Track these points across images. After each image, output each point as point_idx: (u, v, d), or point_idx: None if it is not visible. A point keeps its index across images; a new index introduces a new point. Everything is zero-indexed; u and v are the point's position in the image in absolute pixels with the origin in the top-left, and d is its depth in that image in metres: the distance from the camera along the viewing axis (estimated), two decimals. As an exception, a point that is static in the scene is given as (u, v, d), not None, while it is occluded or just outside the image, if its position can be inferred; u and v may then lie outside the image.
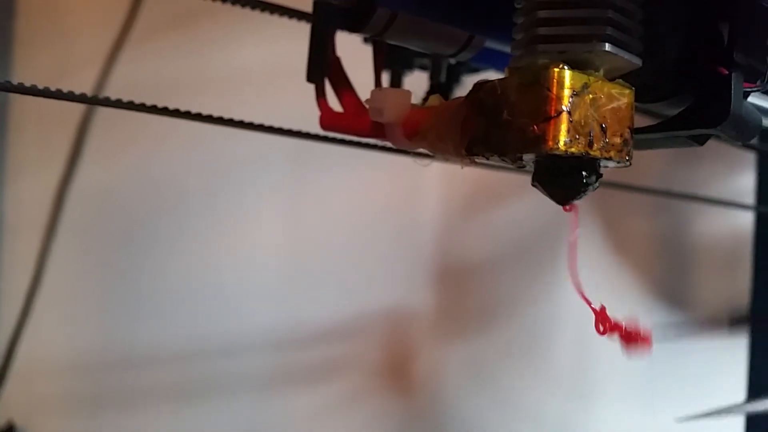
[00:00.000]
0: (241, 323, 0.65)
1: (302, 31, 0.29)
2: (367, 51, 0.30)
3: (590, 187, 0.20)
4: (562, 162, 0.20)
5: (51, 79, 0.27)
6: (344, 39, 0.29)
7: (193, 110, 0.28)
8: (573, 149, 0.19)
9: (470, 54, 0.26)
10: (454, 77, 0.32)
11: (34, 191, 0.70)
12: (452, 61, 0.31)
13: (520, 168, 0.21)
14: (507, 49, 0.27)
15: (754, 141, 0.52)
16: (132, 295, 0.67)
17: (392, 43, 0.25)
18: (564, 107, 0.18)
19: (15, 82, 0.25)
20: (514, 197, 0.66)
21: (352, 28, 0.24)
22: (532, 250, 0.65)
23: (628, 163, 0.20)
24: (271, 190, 0.66)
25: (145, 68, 0.65)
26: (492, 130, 0.20)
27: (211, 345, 0.65)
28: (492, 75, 0.27)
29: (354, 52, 0.29)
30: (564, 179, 0.20)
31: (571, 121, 0.18)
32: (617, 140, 0.20)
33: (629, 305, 0.63)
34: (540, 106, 0.19)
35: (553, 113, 0.18)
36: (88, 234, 0.69)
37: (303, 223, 0.66)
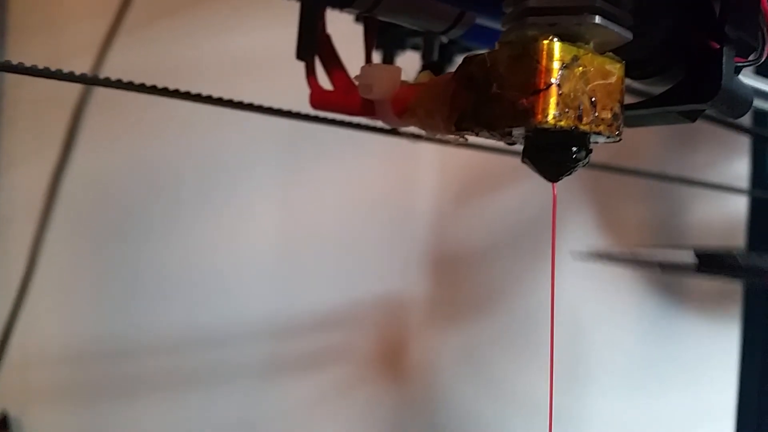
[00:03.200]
0: (236, 312, 0.65)
1: (296, 16, 0.29)
2: (360, 29, 0.30)
3: (580, 163, 0.20)
4: (551, 137, 0.19)
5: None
6: (337, 18, 0.29)
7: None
8: (562, 123, 0.18)
9: (461, 31, 0.26)
10: (446, 56, 0.32)
11: (27, 180, 0.70)
12: (444, 39, 0.31)
13: (510, 144, 0.21)
14: (498, 26, 0.27)
15: (748, 123, 0.52)
16: (127, 285, 0.67)
17: (383, 19, 0.25)
18: (553, 80, 0.18)
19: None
20: (508, 186, 0.65)
21: (341, 4, 0.24)
22: (525, 238, 0.65)
23: (618, 138, 0.20)
24: (265, 179, 0.66)
25: (138, 56, 0.65)
26: (481, 104, 0.20)
27: (206, 334, 0.65)
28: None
29: (346, 32, 0.29)
30: (553, 155, 0.20)
31: (560, 95, 0.18)
32: (607, 115, 0.19)
33: (622, 289, 0.63)
34: (529, 79, 0.18)
35: (542, 86, 0.18)
36: (82, 223, 0.69)
37: (298, 211, 0.66)
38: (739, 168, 0.60)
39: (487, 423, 0.65)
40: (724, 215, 0.62)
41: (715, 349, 0.62)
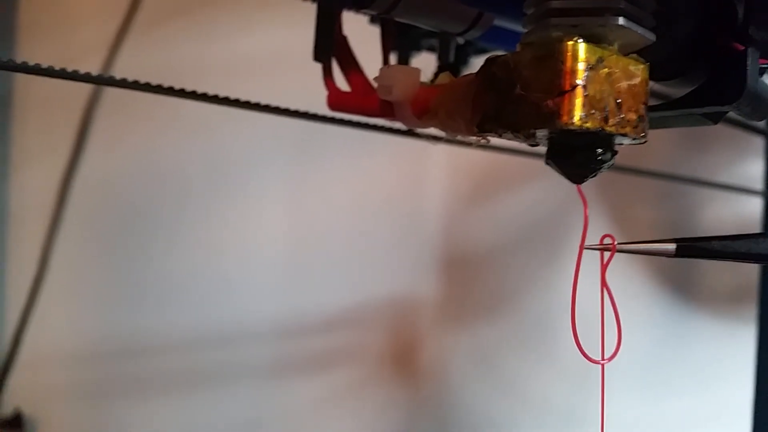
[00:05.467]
0: (245, 312, 0.65)
1: (307, 16, 0.29)
2: (375, 31, 0.29)
3: (605, 165, 0.20)
4: (576, 138, 0.19)
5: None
6: (352, 19, 0.28)
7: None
8: (588, 124, 0.18)
9: (479, 32, 0.26)
10: (462, 58, 0.32)
11: (38, 180, 0.70)
12: (460, 40, 0.31)
13: (533, 145, 0.21)
14: (516, 27, 0.27)
15: (762, 124, 0.51)
16: (137, 284, 0.67)
17: (400, 20, 0.25)
18: (579, 81, 0.18)
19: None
20: (521, 185, 0.65)
21: (359, 6, 0.23)
22: (538, 238, 0.65)
23: (643, 140, 0.20)
24: (274, 179, 0.66)
25: (148, 56, 0.65)
26: (504, 105, 0.19)
27: (216, 334, 0.65)
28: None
29: (361, 32, 0.29)
30: (578, 156, 0.20)
31: (586, 96, 0.18)
32: (633, 116, 0.19)
33: (635, 292, 0.63)
34: (554, 80, 0.18)
35: (567, 87, 0.18)
36: (92, 223, 0.69)
37: (307, 211, 0.66)
38: (753, 169, 0.59)
39: (499, 423, 0.65)
40: (738, 217, 0.62)
41: (731, 350, 0.62)
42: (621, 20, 0.19)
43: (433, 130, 0.24)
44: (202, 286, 0.65)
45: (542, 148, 0.21)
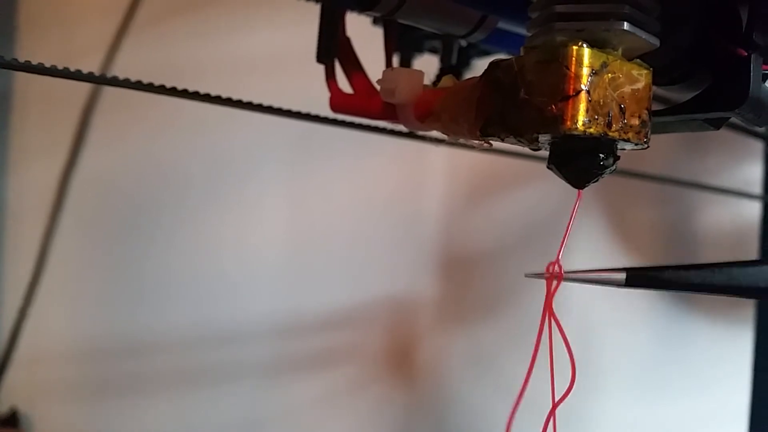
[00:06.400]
0: (244, 311, 0.65)
1: (308, 16, 0.29)
2: (377, 33, 0.29)
3: (607, 170, 0.20)
4: (578, 143, 0.19)
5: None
6: (354, 20, 0.28)
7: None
8: (591, 130, 0.18)
9: (482, 35, 0.26)
10: (464, 60, 0.32)
11: (37, 178, 0.70)
12: (463, 42, 0.31)
13: (536, 150, 0.21)
14: (520, 30, 0.27)
15: (762, 130, 0.51)
16: (135, 283, 0.67)
17: (403, 22, 0.25)
18: (583, 86, 0.18)
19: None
20: (520, 186, 0.65)
21: (362, 8, 0.23)
22: (536, 239, 0.65)
23: (645, 145, 0.20)
24: (274, 178, 0.66)
25: (148, 55, 0.65)
26: (508, 109, 0.19)
27: (214, 332, 0.65)
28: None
29: (363, 34, 0.29)
30: (581, 161, 0.20)
31: (589, 101, 0.18)
32: (635, 121, 0.19)
33: (633, 294, 0.63)
34: (558, 85, 0.18)
35: (571, 92, 0.18)
36: (91, 221, 0.69)
37: (306, 211, 0.66)
38: (752, 173, 0.60)
39: (496, 423, 0.65)
40: (737, 220, 0.62)
41: (728, 352, 0.62)
42: (626, 25, 0.19)
43: (434, 133, 0.24)
44: (202, 286, 0.65)
45: (542, 152, 0.21)
